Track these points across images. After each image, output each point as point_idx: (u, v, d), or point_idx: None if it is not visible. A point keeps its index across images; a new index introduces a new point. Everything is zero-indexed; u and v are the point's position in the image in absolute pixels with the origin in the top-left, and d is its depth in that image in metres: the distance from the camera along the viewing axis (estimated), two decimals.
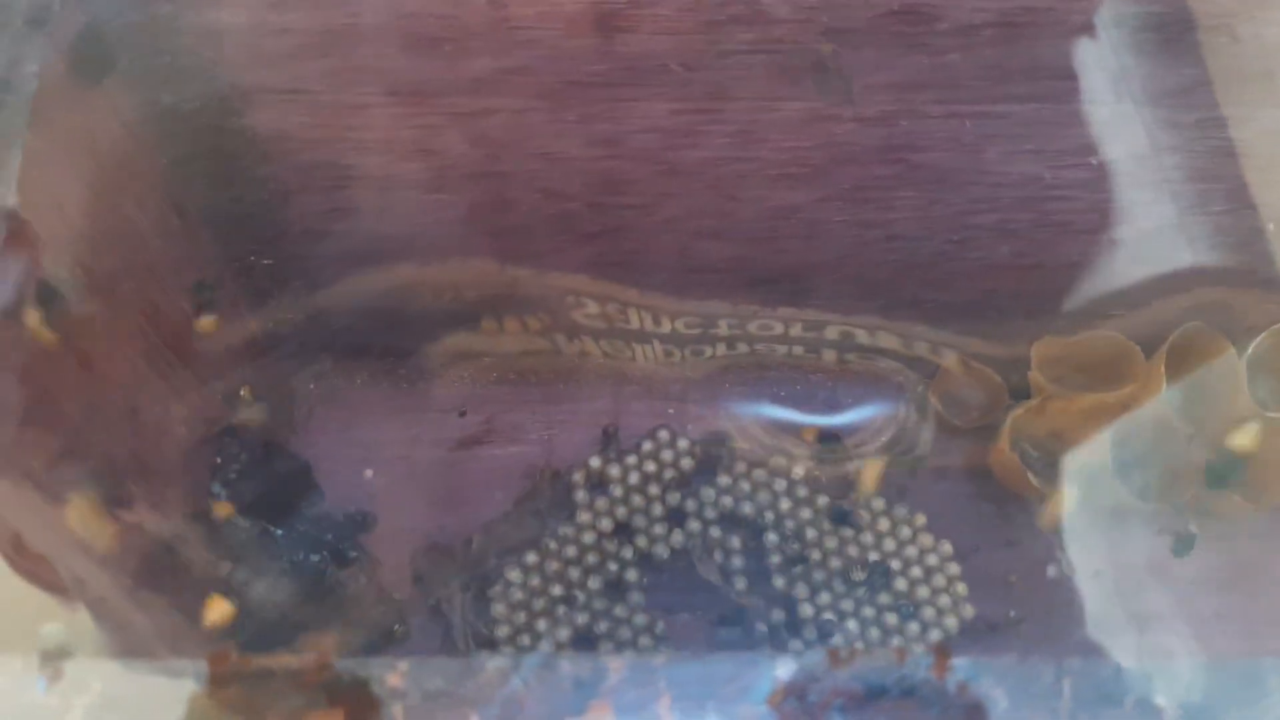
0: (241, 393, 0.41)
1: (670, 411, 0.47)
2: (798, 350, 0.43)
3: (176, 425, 0.34)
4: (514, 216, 0.38)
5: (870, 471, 0.44)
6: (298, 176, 0.35)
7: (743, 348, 0.44)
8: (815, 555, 0.45)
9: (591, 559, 0.43)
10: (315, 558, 0.37)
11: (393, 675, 0.20)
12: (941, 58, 0.32)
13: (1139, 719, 0.20)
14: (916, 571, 0.43)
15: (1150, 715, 0.20)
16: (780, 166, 0.35)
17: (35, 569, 0.24)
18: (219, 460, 0.37)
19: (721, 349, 0.44)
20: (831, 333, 0.43)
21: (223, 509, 0.36)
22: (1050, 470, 0.44)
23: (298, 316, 0.42)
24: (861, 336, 0.42)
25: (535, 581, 0.42)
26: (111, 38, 0.28)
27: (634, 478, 0.45)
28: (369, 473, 0.43)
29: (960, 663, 0.21)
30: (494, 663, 0.20)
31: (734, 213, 0.37)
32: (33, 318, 0.24)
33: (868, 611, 0.42)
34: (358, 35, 0.30)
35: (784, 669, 0.20)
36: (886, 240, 0.39)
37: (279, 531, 0.37)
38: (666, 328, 0.44)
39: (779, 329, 0.42)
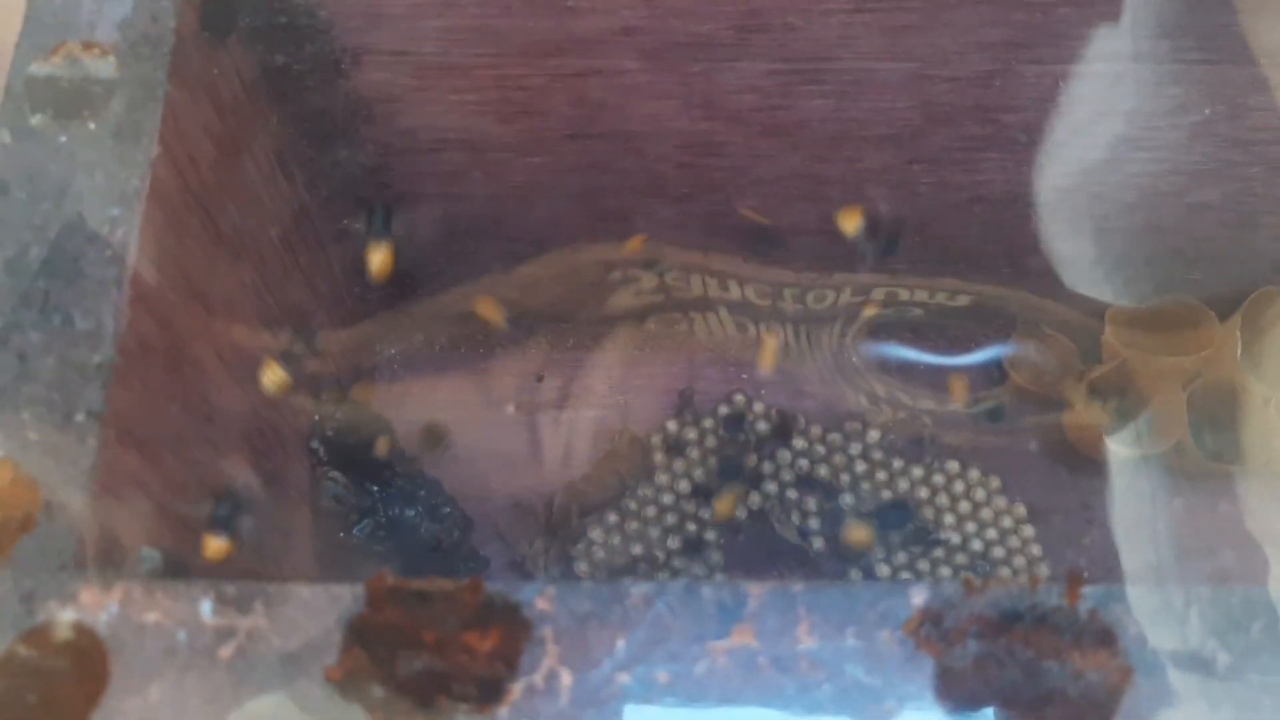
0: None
1: (744, 377, 0.47)
2: (882, 311, 0.44)
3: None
4: (606, 179, 0.38)
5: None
6: (399, 139, 0.36)
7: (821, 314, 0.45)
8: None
9: (671, 519, 0.44)
10: (410, 513, 0.38)
11: (541, 599, 0.21)
12: (1041, 15, 0.32)
13: (1266, 642, 0.21)
14: (992, 533, 0.44)
15: (1275, 640, 0.21)
16: (873, 127, 0.35)
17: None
18: (317, 417, 0.38)
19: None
20: (910, 295, 0.43)
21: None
22: (1125, 432, 0.44)
23: (378, 284, 0.43)
24: (941, 299, 0.43)
25: (616, 540, 0.43)
26: None
27: (711, 441, 0.46)
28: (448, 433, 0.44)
29: (1091, 590, 0.21)
30: (639, 589, 0.21)
31: (823, 174, 0.38)
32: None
33: (944, 571, 0.43)
34: None
35: (920, 596, 0.21)
36: (970, 203, 0.40)
37: (375, 489, 0.38)
38: (736, 294, 0.44)
39: (853, 293, 0.43)
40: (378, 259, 0.36)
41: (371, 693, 0.20)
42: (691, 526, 0.43)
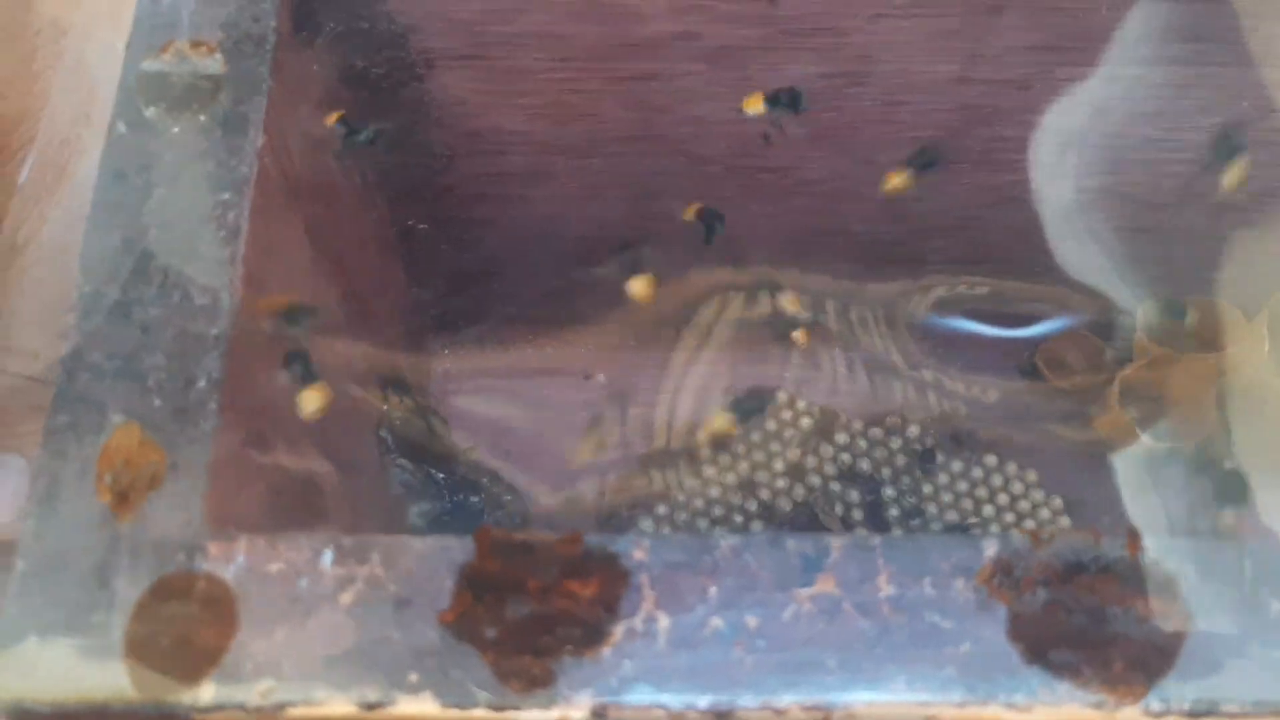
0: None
1: (785, 376, 0.49)
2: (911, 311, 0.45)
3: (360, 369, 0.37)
4: (658, 181, 0.40)
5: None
6: (463, 141, 0.37)
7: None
8: (931, 509, 0.47)
9: (718, 511, 0.45)
10: (474, 500, 0.40)
11: (637, 550, 0.23)
12: (1076, 20, 0.34)
13: None
14: (1031, 525, 0.45)
15: None
16: (918, 129, 0.37)
17: None
18: (385, 407, 0.40)
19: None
20: (943, 294, 0.45)
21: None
22: (1157, 428, 0.46)
23: (439, 281, 0.45)
24: (969, 297, 0.44)
25: (666, 531, 0.44)
26: (321, 1, 0.31)
27: (755, 436, 0.47)
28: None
29: (1151, 541, 0.23)
30: (727, 540, 0.23)
31: (867, 175, 0.39)
32: None
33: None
34: (533, 1, 0.32)
35: (991, 548, 0.23)
36: (1007, 203, 0.41)
37: (440, 475, 0.40)
38: (785, 290, 0.46)
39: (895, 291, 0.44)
40: (311, 401, 0.35)
41: (484, 635, 0.22)
42: (739, 519, 0.44)
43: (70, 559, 0.22)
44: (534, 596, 0.22)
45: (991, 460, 0.46)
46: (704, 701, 0.21)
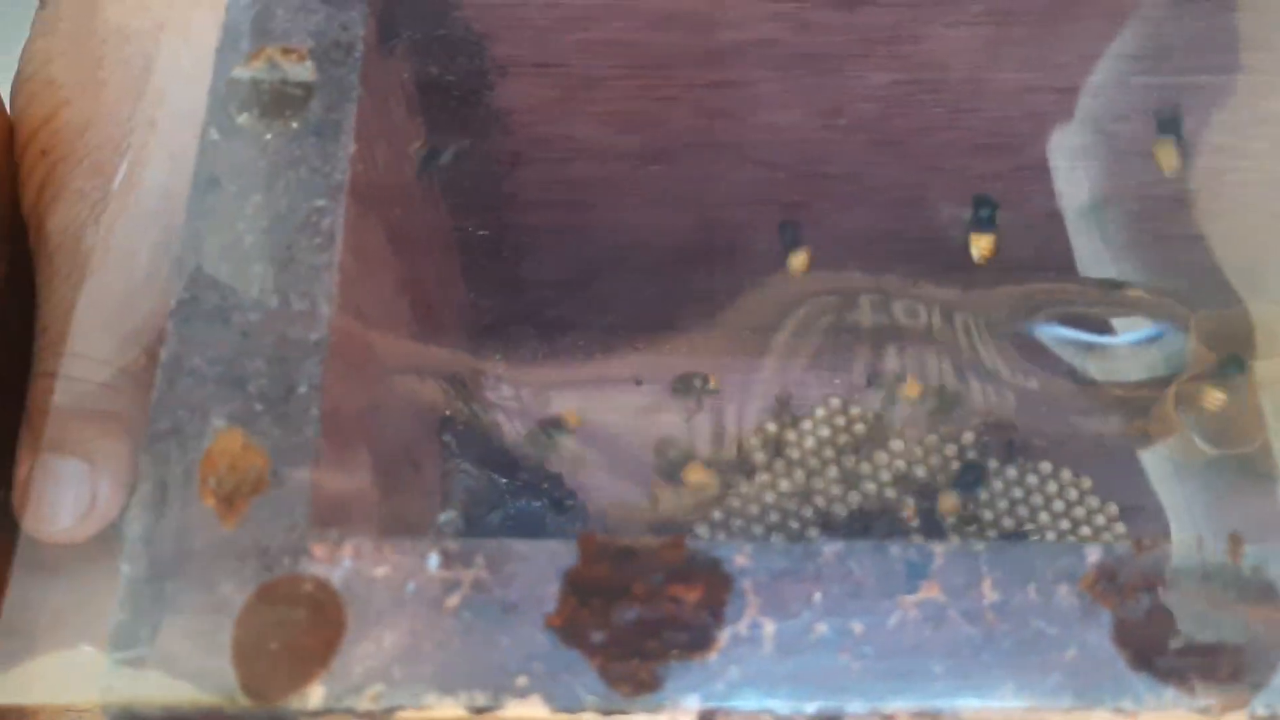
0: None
1: (836, 382, 0.49)
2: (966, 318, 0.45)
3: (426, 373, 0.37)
4: (720, 186, 0.40)
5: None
6: (530, 148, 0.38)
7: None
8: (987, 515, 0.47)
9: (774, 517, 0.45)
10: (537, 504, 0.40)
11: (739, 556, 0.23)
12: (1150, 29, 0.34)
13: None
14: (1086, 531, 0.45)
15: None
16: (986, 136, 0.37)
17: None
18: (447, 412, 0.40)
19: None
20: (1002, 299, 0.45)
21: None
22: (1215, 435, 0.46)
23: (497, 287, 0.45)
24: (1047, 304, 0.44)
25: (721, 537, 0.45)
26: (402, 9, 0.31)
27: (810, 442, 0.47)
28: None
29: (1252, 549, 0.23)
30: (830, 547, 0.23)
31: (932, 182, 0.39)
32: None
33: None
34: (616, 8, 0.33)
35: (1094, 555, 0.23)
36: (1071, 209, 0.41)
37: (504, 480, 0.40)
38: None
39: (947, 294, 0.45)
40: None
41: (590, 638, 0.22)
42: (794, 524, 0.45)
43: (177, 563, 0.22)
44: (639, 601, 0.22)
45: (1046, 467, 0.46)
46: (811, 707, 0.21)
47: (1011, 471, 0.46)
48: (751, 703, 0.21)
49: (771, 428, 0.47)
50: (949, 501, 0.44)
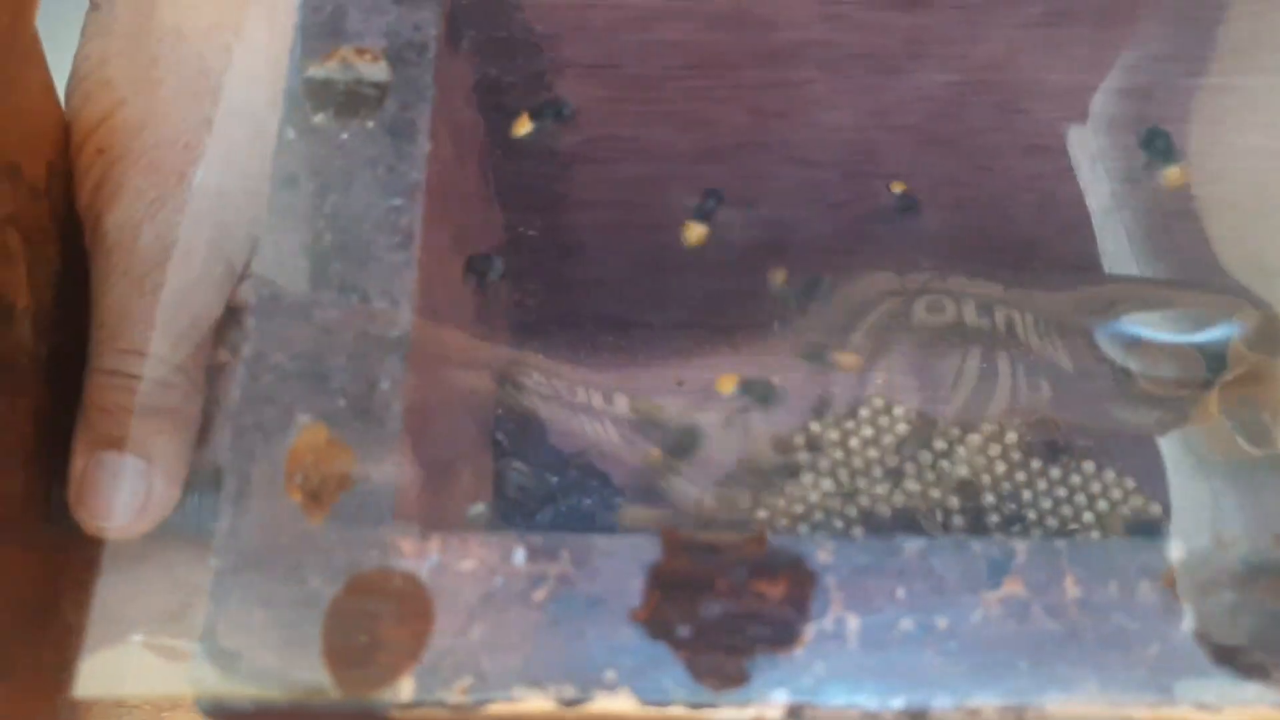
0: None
1: (879, 381, 0.49)
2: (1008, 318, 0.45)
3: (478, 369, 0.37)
4: (769, 185, 0.40)
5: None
6: (584, 148, 0.38)
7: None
8: (1031, 515, 0.47)
9: (819, 516, 0.46)
10: (587, 502, 0.40)
11: (822, 552, 0.23)
12: (1199, 31, 0.34)
13: None
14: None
15: None
16: (1035, 137, 0.37)
17: None
18: (499, 411, 0.40)
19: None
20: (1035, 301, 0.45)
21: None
22: (1258, 436, 0.46)
23: (541, 286, 0.45)
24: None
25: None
26: (465, 10, 0.31)
27: (853, 442, 0.47)
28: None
29: None
30: (911, 544, 0.23)
31: (981, 183, 0.39)
32: None
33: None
34: (676, 8, 0.33)
35: (1176, 551, 0.23)
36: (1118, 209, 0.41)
37: (555, 479, 0.40)
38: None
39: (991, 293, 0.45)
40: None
41: (676, 633, 0.22)
42: (839, 524, 0.45)
43: (266, 557, 0.23)
44: (723, 596, 0.22)
45: (1089, 466, 0.46)
46: (898, 702, 0.22)
47: (1055, 472, 0.46)
48: (839, 698, 0.22)
49: (814, 427, 0.47)
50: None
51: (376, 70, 0.28)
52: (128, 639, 0.35)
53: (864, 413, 0.48)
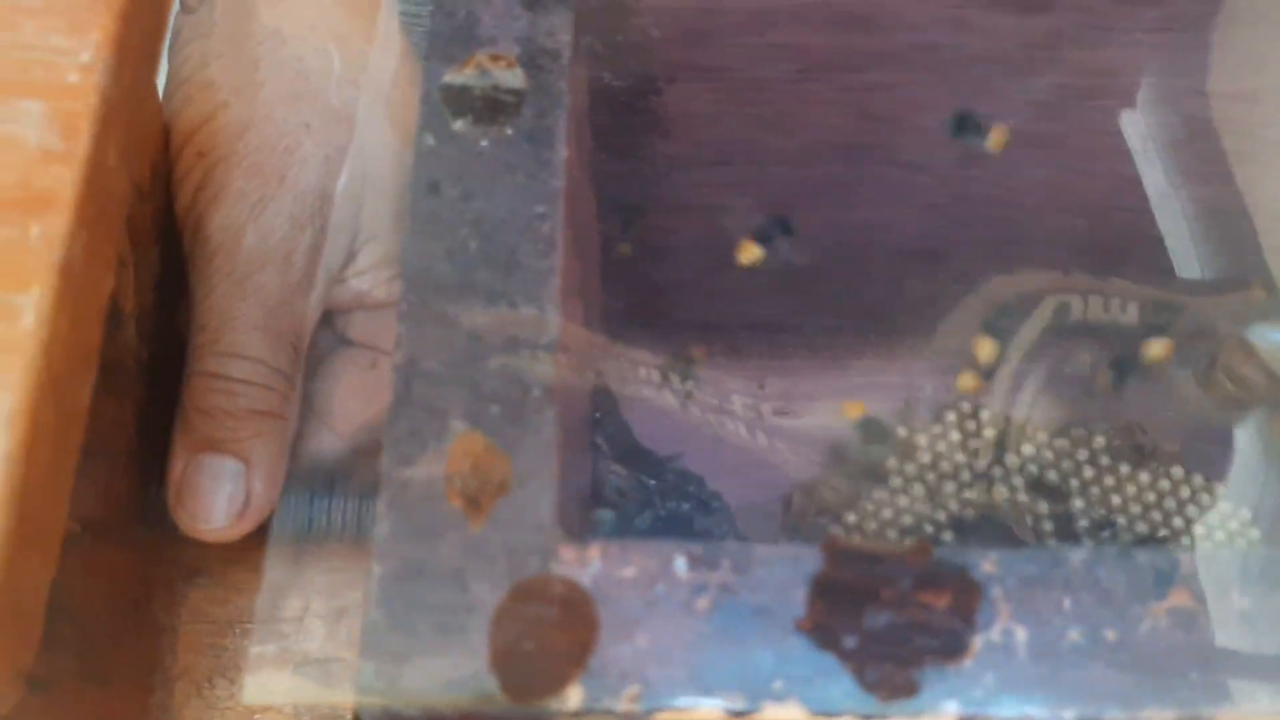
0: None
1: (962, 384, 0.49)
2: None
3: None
4: (866, 188, 0.40)
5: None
6: (688, 152, 0.38)
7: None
8: (1121, 520, 0.47)
9: (907, 520, 0.46)
10: (685, 506, 0.40)
11: (986, 563, 0.23)
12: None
13: None
14: (1220, 535, 0.45)
15: None
16: (1138, 141, 0.37)
17: None
18: (598, 415, 0.40)
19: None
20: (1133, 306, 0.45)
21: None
22: None
23: (630, 292, 0.45)
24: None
25: (856, 540, 0.45)
26: (587, 16, 0.31)
27: (941, 446, 0.47)
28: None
29: None
30: (1076, 554, 0.23)
31: (1080, 185, 0.39)
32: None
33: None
34: (788, 11, 0.33)
35: None
36: (1208, 214, 0.41)
37: (651, 481, 0.40)
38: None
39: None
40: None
41: (843, 643, 0.22)
42: (928, 529, 0.45)
43: (428, 564, 0.23)
44: (889, 606, 0.22)
45: (1178, 471, 0.46)
46: (1069, 714, 0.21)
47: (1144, 477, 0.46)
48: (1009, 709, 0.21)
49: (902, 432, 0.47)
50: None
51: (512, 77, 0.28)
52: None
53: (951, 417, 0.48)
